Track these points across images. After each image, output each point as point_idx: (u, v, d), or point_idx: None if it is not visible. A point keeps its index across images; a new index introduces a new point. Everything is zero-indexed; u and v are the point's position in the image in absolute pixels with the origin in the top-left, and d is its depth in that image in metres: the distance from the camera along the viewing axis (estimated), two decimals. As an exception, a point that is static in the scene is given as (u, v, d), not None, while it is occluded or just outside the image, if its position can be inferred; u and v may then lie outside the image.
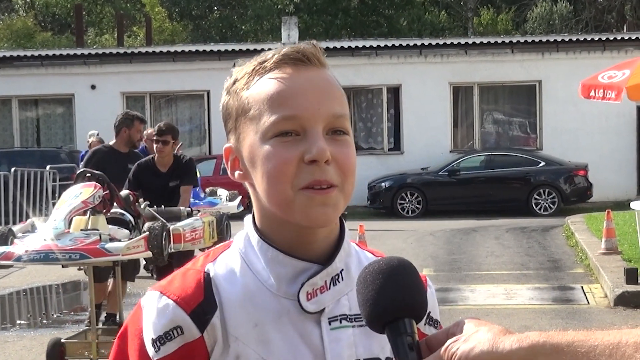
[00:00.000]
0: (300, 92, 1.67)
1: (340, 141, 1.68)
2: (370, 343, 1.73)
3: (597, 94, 14.96)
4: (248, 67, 1.75)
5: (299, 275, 1.69)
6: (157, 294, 1.70)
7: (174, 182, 10.13)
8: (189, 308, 1.66)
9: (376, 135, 29.80)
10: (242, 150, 1.73)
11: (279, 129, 1.65)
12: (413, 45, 29.75)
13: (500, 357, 1.37)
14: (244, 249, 1.74)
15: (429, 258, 16.69)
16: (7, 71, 30.20)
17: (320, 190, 1.64)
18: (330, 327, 1.70)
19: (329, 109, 1.67)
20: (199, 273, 1.72)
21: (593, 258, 14.73)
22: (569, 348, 1.34)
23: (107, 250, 7.91)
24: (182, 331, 1.65)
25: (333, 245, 1.74)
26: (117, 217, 9.01)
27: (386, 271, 1.52)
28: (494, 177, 25.82)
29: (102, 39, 57.22)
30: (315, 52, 1.73)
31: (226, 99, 1.78)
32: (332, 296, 1.70)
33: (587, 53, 28.49)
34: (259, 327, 1.67)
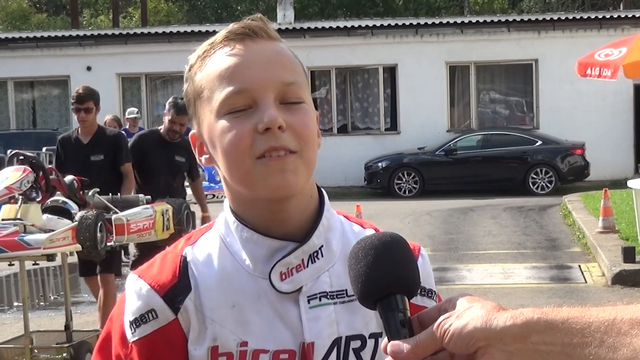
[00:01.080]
0: (247, 64, 1.66)
1: (296, 109, 1.67)
2: (353, 319, 1.71)
3: (593, 72, 14.95)
4: (200, 51, 1.74)
5: (274, 254, 1.67)
6: (135, 277, 1.72)
7: (96, 156, 9.23)
8: (162, 291, 1.67)
9: (372, 115, 29.77)
10: (203, 133, 1.73)
11: (230, 105, 1.65)
12: (409, 24, 29.70)
13: (493, 333, 1.35)
14: (224, 230, 1.74)
15: (426, 238, 16.70)
16: (2, 53, 30.12)
17: (277, 157, 1.62)
18: (309, 305, 1.68)
19: (278, 77, 1.66)
20: (177, 256, 1.72)
21: (590, 237, 14.75)
22: (564, 325, 1.33)
23: (27, 243, 7.13)
24: (156, 314, 1.67)
25: (311, 221, 1.72)
26: (58, 206, 8.16)
27: (378, 247, 1.49)
28: (491, 156, 25.82)
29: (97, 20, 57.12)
30: (262, 26, 1.72)
31: (185, 87, 1.78)
32: (309, 274, 1.68)
33: (584, 31, 28.44)
34: (236, 308, 1.66)
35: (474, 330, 1.36)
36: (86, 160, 9.14)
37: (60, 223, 7.81)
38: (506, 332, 1.35)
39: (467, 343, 1.36)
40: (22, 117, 30.75)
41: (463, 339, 1.36)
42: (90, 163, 9.13)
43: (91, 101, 9.23)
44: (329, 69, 29.36)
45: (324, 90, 29.77)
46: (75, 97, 9.30)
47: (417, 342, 1.40)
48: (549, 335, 1.33)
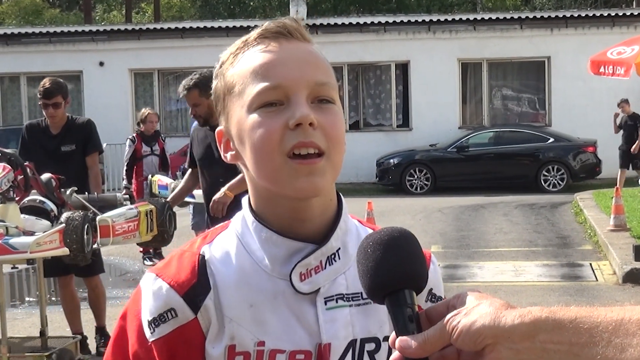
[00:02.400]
0: (282, 61, 1.67)
1: (326, 109, 1.68)
2: (368, 322, 1.73)
3: (606, 70, 14.94)
4: (233, 48, 1.76)
5: (293, 255, 1.69)
6: (152, 276, 1.72)
7: (67, 147, 8.72)
8: (182, 290, 1.68)
9: (385, 111, 29.76)
10: (231, 129, 1.73)
11: (262, 99, 1.65)
12: (422, 21, 29.66)
13: (501, 331, 1.36)
14: (241, 229, 1.75)
15: (438, 235, 16.70)
16: (15, 48, 30.20)
17: (306, 160, 1.63)
18: (326, 307, 1.69)
19: (312, 77, 1.67)
20: (195, 255, 1.73)
21: (602, 235, 14.72)
22: (572, 324, 1.33)
23: (12, 246, 6.71)
24: (175, 314, 1.67)
25: (329, 223, 1.73)
26: (35, 205, 7.73)
27: (387, 241, 1.50)
28: (503, 153, 25.78)
29: (110, 16, 57.19)
30: (297, 27, 1.73)
31: (215, 83, 1.78)
32: (327, 276, 1.70)
33: (596, 29, 28.38)
34: (254, 308, 1.67)
35: (482, 328, 1.37)
36: (57, 151, 8.68)
37: (38, 224, 7.46)
38: (514, 330, 1.35)
39: (475, 340, 1.37)
40: (34, 112, 30.76)
41: (471, 336, 1.37)
42: (61, 154, 8.68)
43: (59, 95, 8.67)
44: (341, 65, 29.33)
45: (336, 87, 29.73)
46: (42, 92, 8.67)
47: (426, 337, 1.41)
48: (556, 334, 1.34)
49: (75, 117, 9.09)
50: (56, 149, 8.69)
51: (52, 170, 8.17)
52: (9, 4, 57.01)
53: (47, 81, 8.80)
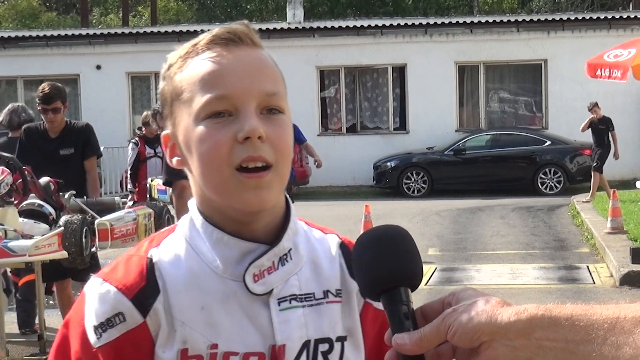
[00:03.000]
0: (231, 70, 1.65)
1: (275, 120, 1.66)
2: (321, 323, 1.72)
3: (603, 73, 14.97)
4: (181, 51, 1.73)
5: (245, 256, 1.67)
6: (99, 280, 1.69)
7: (65, 150, 8.66)
8: (130, 294, 1.65)
9: (382, 114, 29.77)
10: (178, 135, 1.70)
11: (211, 109, 1.63)
12: (418, 24, 29.68)
13: (497, 328, 1.37)
14: (189, 232, 1.72)
15: (435, 237, 16.70)
16: (12, 51, 30.19)
17: (253, 173, 1.62)
18: (279, 308, 1.68)
19: (261, 87, 1.65)
20: (142, 259, 1.70)
21: (599, 237, 14.74)
22: (568, 321, 1.34)
23: (11, 249, 6.72)
24: (124, 318, 1.64)
25: (279, 224, 1.72)
26: (34, 209, 7.77)
27: (383, 239, 1.51)
28: (500, 156, 25.81)
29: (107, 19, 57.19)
30: (247, 32, 1.71)
31: (162, 85, 1.76)
32: (280, 277, 1.68)
33: (593, 32, 28.41)
34: (205, 310, 1.65)
35: (478, 325, 1.38)
36: (56, 155, 8.61)
37: (36, 227, 7.49)
38: (510, 328, 1.36)
39: (471, 337, 1.38)
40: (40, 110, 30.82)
41: (467, 333, 1.38)
42: (60, 158, 8.60)
43: (59, 100, 8.59)
44: (338, 68, 29.36)
45: (333, 90, 29.77)
46: (41, 97, 8.56)
47: (422, 334, 1.42)
48: (552, 331, 1.35)
49: (74, 121, 9.05)
50: (55, 152, 8.63)
51: (51, 174, 8.17)
52: (6, 7, 57.00)
53: (46, 86, 8.71)
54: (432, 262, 13.89)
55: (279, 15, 48.15)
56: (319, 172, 27.96)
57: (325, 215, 19.92)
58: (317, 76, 29.35)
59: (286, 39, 29.23)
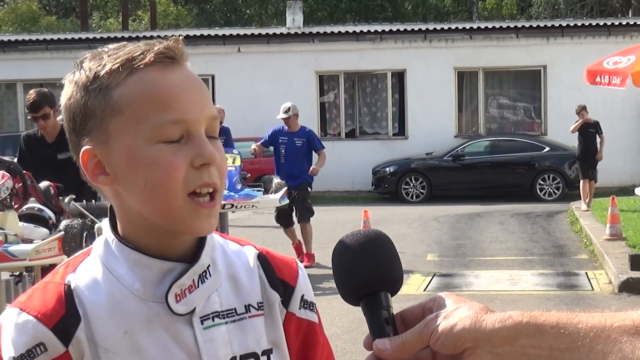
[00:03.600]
0: (183, 93, 1.60)
1: (215, 143, 1.63)
2: (245, 338, 1.70)
3: (602, 80, 14.97)
4: (112, 64, 1.61)
5: (165, 276, 1.63)
6: (16, 310, 1.62)
7: (63, 155, 8.47)
8: (50, 323, 1.59)
9: (381, 120, 29.78)
10: (113, 154, 1.61)
11: (166, 134, 1.58)
12: (418, 30, 29.70)
13: (482, 335, 1.36)
14: (104, 254, 1.67)
15: (433, 243, 16.70)
16: (12, 55, 30.21)
17: (207, 202, 1.60)
18: (203, 326, 1.65)
19: (209, 110, 1.63)
20: (60, 286, 1.64)
21: (597, 244, 14.73)
22: (553, 329, 1.34)
23: (11, 254, 6.71)
24: (45, 348, 1.58)
25: (196, 241, 1.68)
26: (34, 213, 7.79)
27: (364, 244, 1.50)
28: (499, 162, 25.82)
29: (106, 23, 57.23)
30: (183, 50, 1.65)
31: (83, 97, 1.63)
32: (201, 294, 1.65)
33: (592, 38, 28.43)
34: (128, 335, 1.61)
35: (462, 331, 1.37)
36: (53, 159, 8.54)
37: (36, 231, 7.48)
38: (495, 334, 1.36)
39: (454, 343, 1.38)
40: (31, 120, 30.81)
41: (451, 339, 1.38)
42: (57, 162, 8.50)
43: (46, 106, 8.56)
44: (337, 73, 29.37)
45: (332, 95, 29.78)
46: (28, 105, 8.57)
47: (404, 340, 1.41)
48: (537, 339, 1.35)
49: None
50: (52, 157, 8.60)
51: (50, 179, 8.17)
52: (6, 11, 57.04)
53: (33, 93, 8.69)
54: (431, 268, 13.89)
55: (278, 20, 48.21)
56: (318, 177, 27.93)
57: (324, 220, 19.89)
58: (316, 81, 29.37)
59: (285, 44, 29.26)
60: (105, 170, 1.64)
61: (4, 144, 26.30)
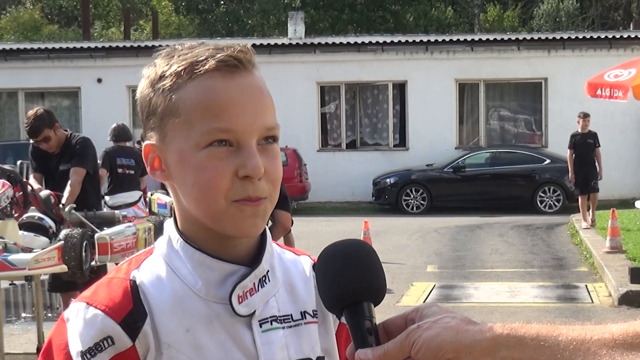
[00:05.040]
0: (236, 103, 1.62)
1: (270, 151, 1.65)
2: (301, 343, 1.73)
3: (603, 93, 14.98)
4: (177, 66, 1.66)
5: (227, 278, 1.66)
6: (83, 304, 1.64)
7: (64, 166, 8.66)
8: (118, 317, 1.61)
9: (381, 131, 29.78)
10: (168, 153, 1.67)
11: (213, 138, 1.61)
12: (419, 41, 29.73)
13: (463, 346, 1.38)
14: (168, 254, 1.70)
15: (433, 255, 16.69)
16: (13, 64, 30.21)
17: (251, 202, 1.61)
18: (261, 329, 1.68)
19: (263, 122, 1.64)
20: (125, 281, 1.66)
21: (597, 257, 14.73)
22: (533, 342, 1.35)
23: (11, 263, 6.68)
24: (112, 341, 1.60)
25: (257, 246, 1.72)
26: (34, 222, 7.78)
27: (347, 253, 1.51)
28: (499, 174, 25.83)
29: (108, 33, 57.24)
30: (249, 58, 1.67)
31: (149, 93, 1.70)
32: (261, 298, 1.68)
33: (594, 51, 28.45)
34: (190, 333, 1.64)
35: (443, 342, 1.39)
36: (55, 170, 8.65)
37: (36, 240, 7.47)
38: (475, 346, 1.38)
39: (435, 354, 1.39)
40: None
41: (432, 350, 1.39)
42: (59, 173, 8.60)
43: (44, 129, 8.52)
44: (338, 84, 29.39)
45: (333, 106, 29.79)
46: (27, 131, 8.56)
47: (385, 350, 1.43)
48: (517, 351, 1.36)
49: (74, 136, 9.03)
50: (55, 168, 8.66)
51: (52, 189, 8.20)
52: (8, 19, 57.06)
53: (30, 118, 8.61)
54: (431, 280, 13.88)
55: (279, 31, 48.23)
56: (318, 187, 28.02)
57: (324, 231, 19.90)
58: (317, 92, 29.37)
59: (287, 55, 29.28)
60: (162, 166, 1.69)
61: (4, 152, 26.31)
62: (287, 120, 27.83)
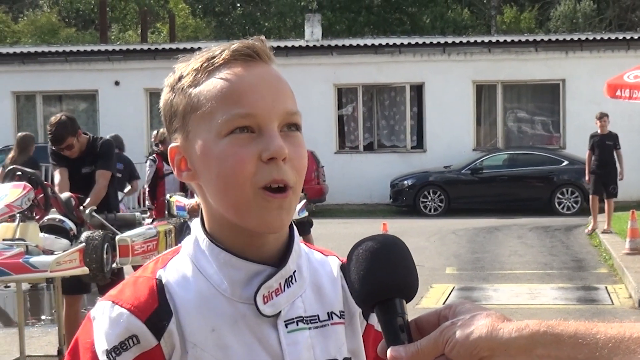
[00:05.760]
0: (254, 89, 1.63)
1: (294, 138, 1.65)
2: (327, 344, 1.71)
3: (623, 94, 14.97)
4: (195, 64, 1.68)
5: (252, 278, 1.65)
6: (109, 303, 1.64)
7: (87, 169, 8.65)
8: (144, 316, 1.61)
9: (399, 133, 29.76)
10: (192, 150, 1.67)
11: (233, 126, 1.61)
12: (437, 43, 29.70)
13: (498, 344, 1.36)
14: (194, 253, 1.69)
15: (452, 257, 16.66)
16: (31, 67, 30.31)
17: (277, 193, 1.60)
18: (287, 330, 1.67)
19: (284, 106, 1.64)
20: (151, 280, 1.67)
21: (617, 258, 14.68)
22: (571, 339, 1.33)
23: (32, 265, 6.64)
24: (138, 340, 1.60)
25: (284, 246, 1.71)
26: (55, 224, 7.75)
27: (379, 249, 1.50)
28: (517, 175, 25.77)
29: (125, 35, 57.37)
30: (264, 48, 1.70)
31: (170, 97, 1.71)
32: (287, 298, 1.67)
33: (612, 52, 28.35)
34: (215, 332, 1.63)
35: (478, 339, 1.37)
36: (77, 173, 8.60)
37: (57, 243, 7.48)
38: (512, 343, 1.36)
39: (470, 352, 1.37)
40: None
41: (467, 348, 1.37)
42: (81, 176, 8.58)
43: (68, 137, 8.44)
44: (356, 86, 29.38)
45: (351, 108, 29.78)
46: (51, 139, 8.46)
47: (419, 348, 1.41)
48: (554, 349, 1.34)
49: (96, 138, 8.99)
50: (77, 171, 8.63)
51: (73, 191, 8.19)
52: (25, 22, 57.27)
53: (53, 127, 8.50)
54: (450, 281, 13.86)
55: (296, 33, 48.24)
56: (336, 190, 28.00)
57: (342, 233, 19.89)
58: (334, 94, 29.37)
59: (304, 57, 29.29)
60: (188, 166, 1.70)
61: (23, 155, 26.33)
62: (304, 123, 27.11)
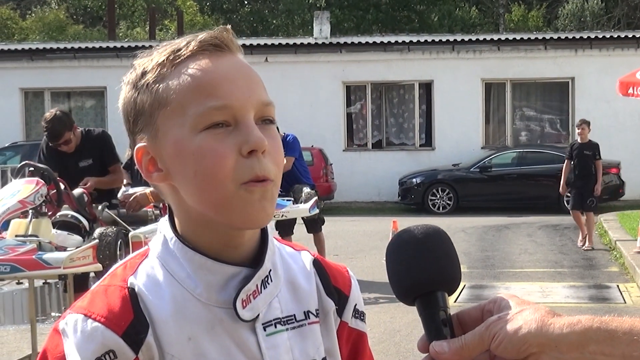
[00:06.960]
0: (228, 79, 1.54)
1: (269, 130, 1.56)
2: (305, 345, 1.66)
3: (635, 91, 14.94)
4: (158, 58, 1.59)
5: (229, 281, 1.57)
6: (79, 317, 1.53)
7: (84, 162, 8.62)
8: (120, 330, 1.51)
9: (407, 131, 29.74)
10: (163, 148, 1.57)
11: (210, 120, 1.51)
12: (445, 41, 29.69)
13: (548, 340, 1.31)
14: (163, 255, 1.60)
15: (462, 255, 16.62)
16: (39, 63, 30.34)
17: (259, 182, 1.51)
18: (265, 333, 1.60)
19: (258, 97, 1.56)
20: (122, 289, 1.56)
21: (628, 257, 14.65)
22: (626, 336, 1.29)
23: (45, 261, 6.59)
24: (115, 355, 1.51)
25: (257, 245, 1.63)
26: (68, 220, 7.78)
27: (420, 240, 1.44)
28: (526, 174, 25.73)
29: (133, 33, 57.45)
30: (231, 38, 1.61)
31: (132, 95, 1.60)
32: (264, 300, 1.59)
33: (621, 50, 28.30)
34: (192, 341, 1.55)
35: (527, 335, 1.32)
36: (75, 168, 8.55)
37: (69, 239, 7.44)
38: (563, 340, 1.31)
39: (518, 348, 1.33)
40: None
41: (515, 344, 1.33)
42: (79, 170, 8.54)
43: (65, 132, 8.48)
44: (364, 84, 29.36)
45: (359, 105, 29.77)
46: (47, 135, 8.44)
47: (463, 343, 1.37)
48: (608, 345, 1.30)
49: (89, 130, 8.94)
50: (75, 165, 8.58)
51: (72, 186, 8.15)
52: (33, 19, 57.36)
53: (49, 122, 8.52)
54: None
55: (304, 31, 48.26)
56: (344, 187, 27.99)
57: (351, 231, 19.87)
58: (343, 91, 29.35)
59: (313, 54, 29.28)
60: (158, 166, 1.59)
61: (32, 152, 26.38)
62: (312, 120, 27.84)
